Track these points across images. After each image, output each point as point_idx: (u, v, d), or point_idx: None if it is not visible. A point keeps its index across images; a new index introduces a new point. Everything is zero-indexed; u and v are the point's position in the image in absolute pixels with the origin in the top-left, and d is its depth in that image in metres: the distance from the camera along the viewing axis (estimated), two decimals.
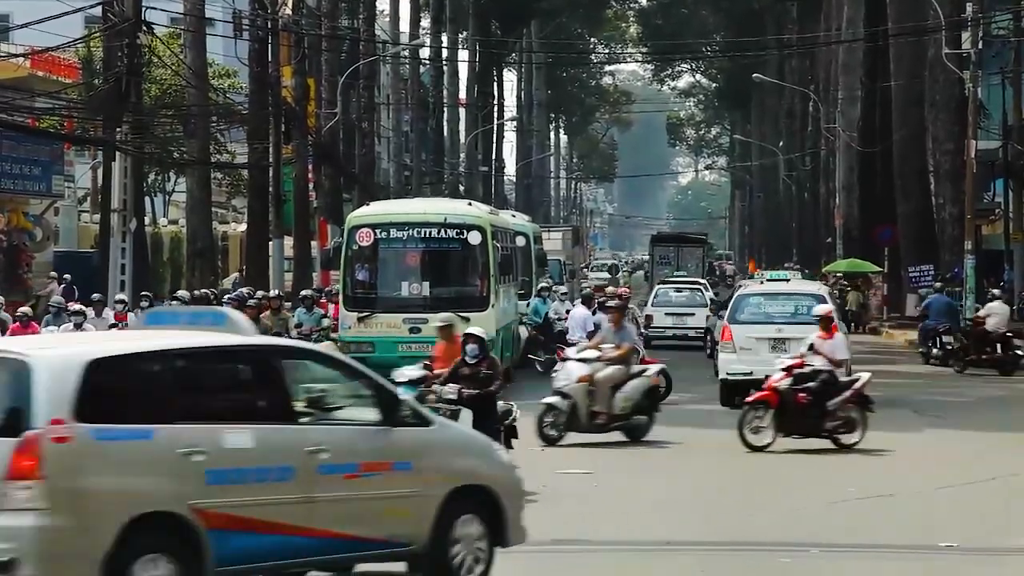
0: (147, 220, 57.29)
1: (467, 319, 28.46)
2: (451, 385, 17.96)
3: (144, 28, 34.29)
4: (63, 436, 10.55)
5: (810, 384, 21.65)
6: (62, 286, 38.53)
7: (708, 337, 40.21)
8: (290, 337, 29.27)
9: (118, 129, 34.06)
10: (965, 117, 43.09)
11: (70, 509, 10.52)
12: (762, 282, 31.83)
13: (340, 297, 30.01)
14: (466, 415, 17.46)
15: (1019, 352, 35.50)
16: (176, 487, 10.95)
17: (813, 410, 21.53)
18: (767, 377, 22.26)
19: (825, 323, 23.00)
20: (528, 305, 36.49)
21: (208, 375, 11.87)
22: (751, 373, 26.12)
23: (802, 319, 26.46)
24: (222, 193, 63.46)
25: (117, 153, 34.25)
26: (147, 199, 62.64)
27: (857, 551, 14.80)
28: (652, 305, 44.92)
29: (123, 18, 33.77)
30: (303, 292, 33.40)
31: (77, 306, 27.73)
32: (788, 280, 31.28)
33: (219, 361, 11.97)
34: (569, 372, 22.51)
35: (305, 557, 11.66)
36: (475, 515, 12.46)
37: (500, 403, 18.42)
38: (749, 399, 22.22)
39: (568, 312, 34.12)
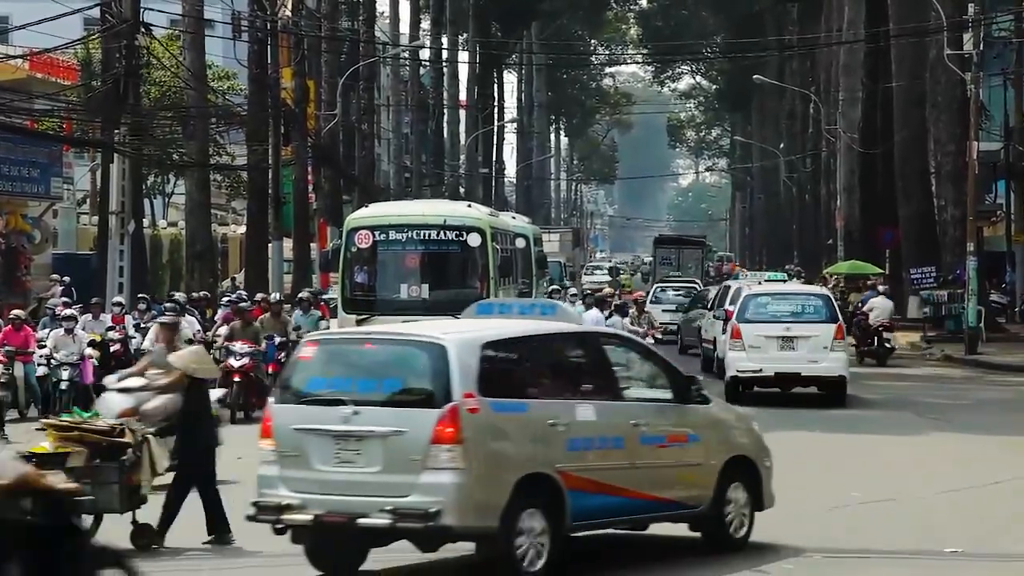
0: (146, 222, 57.23)
1: None
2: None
3: (142, 29, 34.19)
4: (474, 407, 12.48)
5: None
6: (61, 288, 38.39)
7: (679, 334, 41.66)
8: (290, 340, 29.16)
9: (116, 131, 33.90)
10: (967, 118, 42.94)
11: (480, 469, 12.42)
12: (760, 282, 35.05)
13: (338, 300, 29.82)
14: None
15: (888, 344, 38.26)
16: (546, 453, 12.86)
17: None
18: (776, 374, 24.38)
19: None
20: None
21: (561, 356, 14.05)
22: (761, 370, 28.13)
23: (808, 318, 28.45)
24: (222, 195, 63.32)
25: (115, 155, 34.08)
26: (146, 201, 62.57)
27: (861, 557, 14.65)
28: (650, 303, 45.33)
29: (121, 19, 33.63)
30: (301, 294, 33.19)
31: (68, 311, 27.64)
32: (786, 280, 35.31)
33: (568, 345, 14.21)
34: (109, 405, 16.50)
35: (627, 516, 13.62)
36: (741, 482, 14.32)
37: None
38: None
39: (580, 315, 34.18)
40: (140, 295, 32.41)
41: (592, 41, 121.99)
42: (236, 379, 26.08)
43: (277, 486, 12.82)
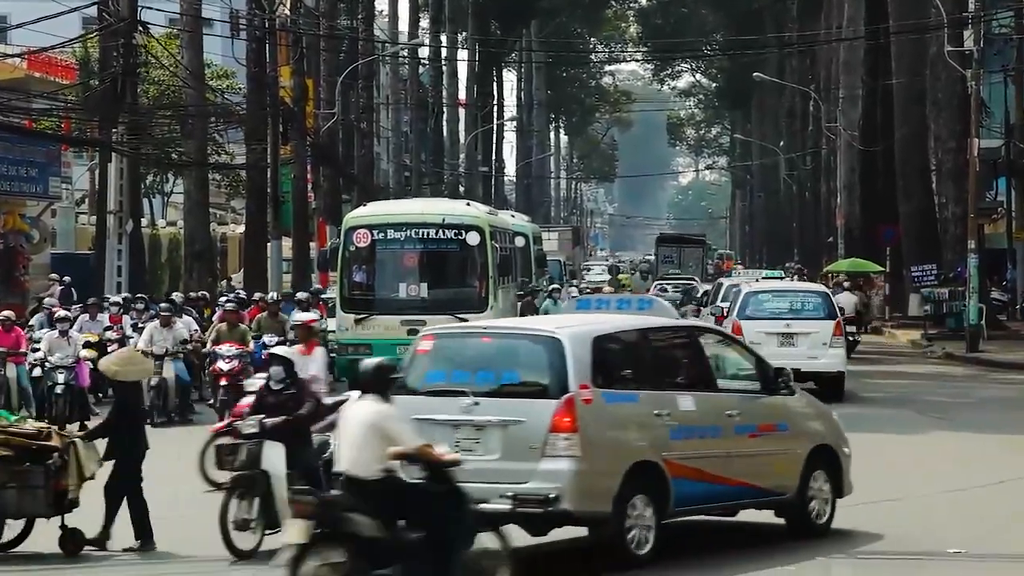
0: (145, 221, 57.09)
1: (465, 320, 28.27)
2: (252, 418, 14.84)
3: (140, 28, 34.07)
4: (588, 398, 13.19)
5: None
6: (61, 288, 38.26)
7: None
8: (288, 340, 28.89)
9: (114, 130, 33.78)
10: (967, 115, 42.80)
11: (594, 457, 13.11)
12: (757, 279, 36.61)
13: (337, 299, 29.65)
14: (274, 451, 14.52)
15: (853, 338, 37.49)
16: (653, 442, 13.58)
17: None
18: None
19: None
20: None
21: (663, 349, 14.69)
22: None
23: (807, 315, 29.40)
24: (221, 195, 63.19)
25: (113, 154, 33.97)
26: (145, 200, 62.40)
27: (863, 558, 14.55)
28: None
29: (119, 18, 33.52)
30: (298, 295, 32.91)
31: (62, 312, 27.22)
32: (782, 278, 36.65)
33: (669, 337, 14.96)
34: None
35: (722, 502, 14.28)
36: (823, 470, 14.94)
37: (316, 436, 15.13)
38: None
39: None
40: (139, 295, 32.29)
41: (591, 39, 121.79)
42: (223, 382, 24.84)
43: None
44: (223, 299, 30.59)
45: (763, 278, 44.44)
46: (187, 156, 41.73)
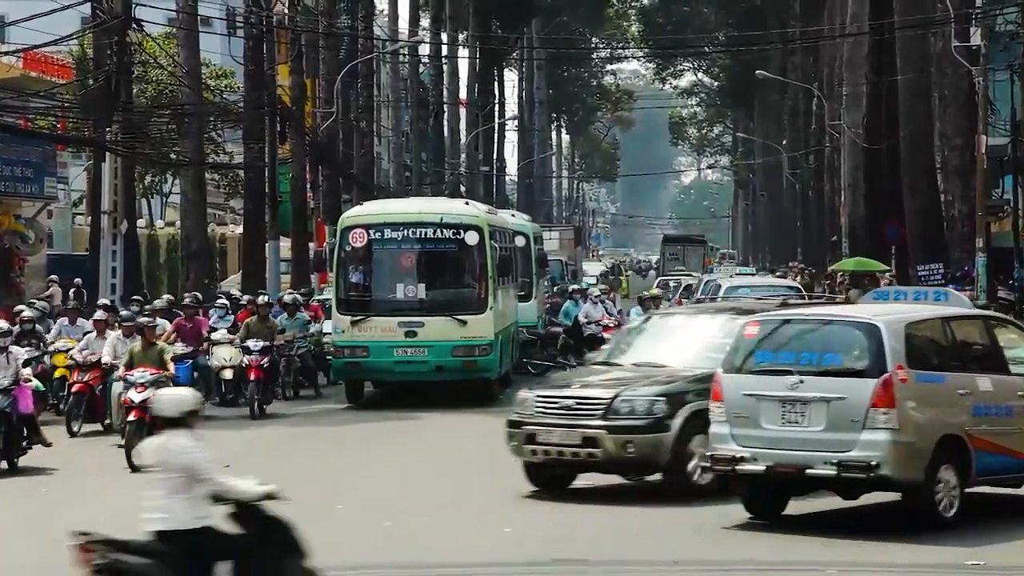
0: (143, 222, 56.71)
1: (464, 322, 27.70)
2: None
3: (134, 25, 33.54)
4: (904, 378, 15.03)
5: None
6: (72, 291, 37.83)
7: None
8: (274, 345, 28.15)
9: (108, 129, 33.23)
10: (974, 112, 42.30)
11: (909, 429, 14.99)
12: (732, 276, 43.35)
13: (333, 300, 29.00)
14: None
15: None
16: (957, 417, 15.41)
17: None
18: None
19: None
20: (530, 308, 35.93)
21: (962, 335, 16.36)
22: None
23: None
24: (220, 195, 62.86)
25: (107, 154, 33.42)
26: (144, 201, 62.11)
27: (879, 570, 14.04)
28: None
29: (112, 15, 32.97)
30: (284, 297, 32.26)
31: (2, 324, 22.26)
32: (754, 274, 42.15)
33: (966, 325, 16.68)
34: None
35: (1014, 474, 16.12)
36: None
37: None
38: None
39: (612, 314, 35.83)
40: (134, 296, 31.78)
41: (593, 38, 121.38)
42: (132, 417, 20.84)
43: (728, 442, 15.57)
44: (148, 307, 28.53)
45: (736, 274, 52.33)
46: (184, 156, 41.24)
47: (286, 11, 47.05)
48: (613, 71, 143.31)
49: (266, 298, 30.76)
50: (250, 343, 27.46)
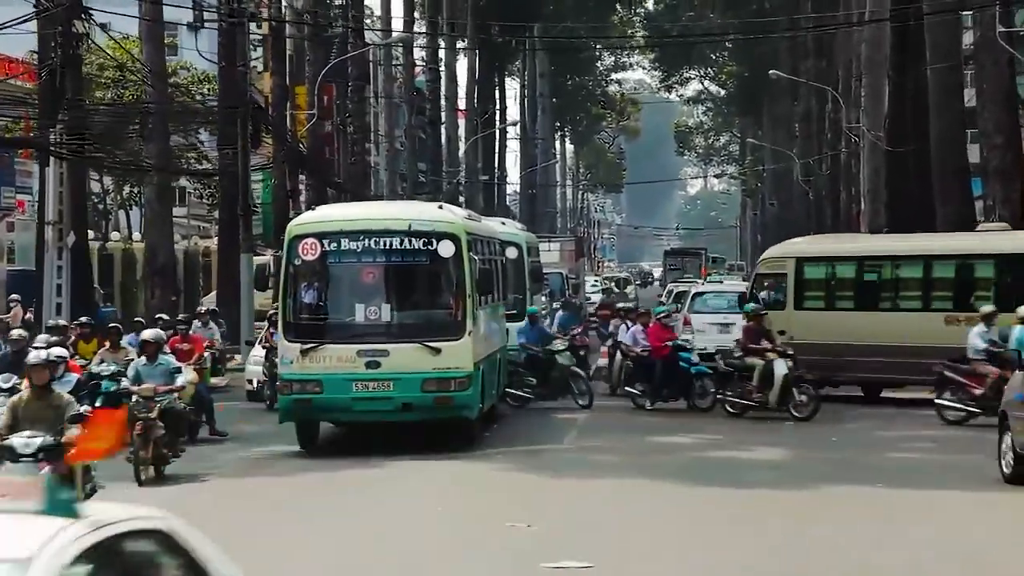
0: (118, 236, 53.21)
1: (437, 350, 23.48)
2: None
3: (82, 15, 29.93)
4: None
5: None
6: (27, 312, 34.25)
7: None
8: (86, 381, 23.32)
9: (51, 130, 29.62)
10: (1017, 106, 38.63)
11: None
12: (701, 283, 49.90)
13: (279, 324, 23.86)
14: None
15: None
16: None
17: None
18: (717, 350, 30.57)
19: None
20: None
21: None
22: (705, 348, 33.93)
23: (737, 310, 35.90)
24: (203, 206, 59.56)
25: (51, 157, 29.82)
26: (122, 212, 58.73)
27: None
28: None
29: (56, 2, 29.38)
30: (145, 334, 23.95)
31: None
32: (722, 282, 50.04)
33: None
34: None
35: None
36: None
37: None
38: None
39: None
40: (81, 319, 27.88)
41: (597, 46, 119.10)
42: None
43: None
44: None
45: (708, 282, 55.03)
46: (147, 161, 37.52)
47: (265, 8, 43.52)
48: (618, 80, 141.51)
49: (204, 307, 26.26)
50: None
